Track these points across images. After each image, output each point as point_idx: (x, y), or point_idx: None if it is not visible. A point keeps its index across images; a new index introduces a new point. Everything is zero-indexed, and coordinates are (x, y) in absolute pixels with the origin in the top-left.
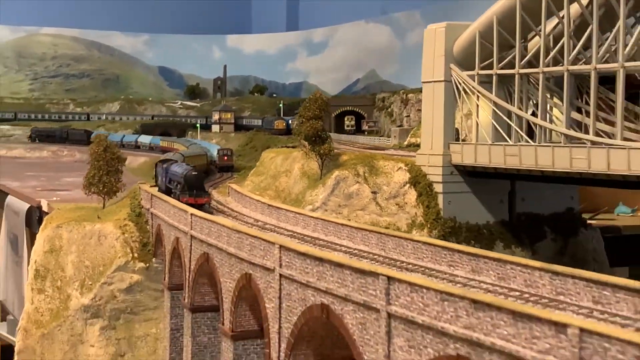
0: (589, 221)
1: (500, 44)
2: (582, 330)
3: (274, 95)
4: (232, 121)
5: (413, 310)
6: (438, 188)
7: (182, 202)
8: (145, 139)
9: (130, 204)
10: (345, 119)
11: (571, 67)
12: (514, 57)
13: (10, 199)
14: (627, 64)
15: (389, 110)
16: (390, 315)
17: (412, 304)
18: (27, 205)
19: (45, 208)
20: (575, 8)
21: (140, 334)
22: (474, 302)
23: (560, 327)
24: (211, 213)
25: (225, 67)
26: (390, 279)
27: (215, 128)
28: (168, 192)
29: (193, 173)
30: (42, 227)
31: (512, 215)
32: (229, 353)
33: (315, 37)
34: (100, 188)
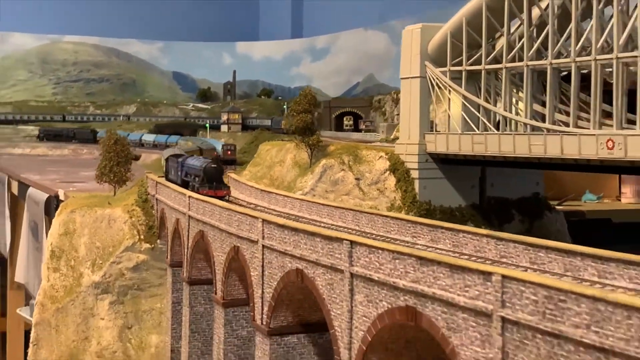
0: (556, 207)
1: (468, 43)
2: (503, 276)
3: (280, 98)
4: (240, 122)
5: (371, 269)
6: (414, 174)
7: (201, 194)
8: (161, 139)
9: (137, 191)
10: (345, 119)
11: (530, 63)
12: (481, 55)
13: (31, 190)
14: (578, 59)
15: (383, 110)
16: (352, 275)
17: (370, 264)
18: (46, 195)
19: (62, 197)
20: (536, 10)
21: (146, 308)
22: (420, 258)
23: (486, 275)
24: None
25: (234, 72)
26: (352, 243)
27: (224, 128)
28: (185, 185)
29: (212, 165)
30: (57, 212)
31: (483, 199)
32: (221, 319)
33: (318, 43)
34: (111, 177)
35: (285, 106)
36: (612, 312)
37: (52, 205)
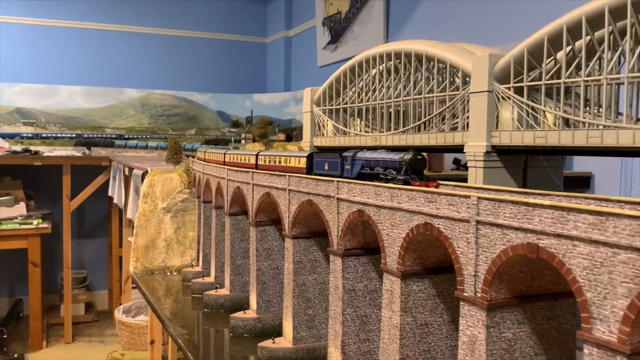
0: None
1: (529, 66)
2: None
3: (276, 125)
4: (250, 138)
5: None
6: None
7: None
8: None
9: (184, 166)
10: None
11: (587, 78)
12: (538, 74)
13: (135, 170)
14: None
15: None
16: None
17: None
18: (141, 171)
19: (149, 171)
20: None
21: (187, 219)
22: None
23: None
24: None
25: (252, 110)
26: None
27: (243, 142)
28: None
29: (418, 157)
30: (146, 177)
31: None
32: (290, 247)
33: (298, 95)
34: (172, 160)
35: (276, 129)
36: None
37: (144, 175)
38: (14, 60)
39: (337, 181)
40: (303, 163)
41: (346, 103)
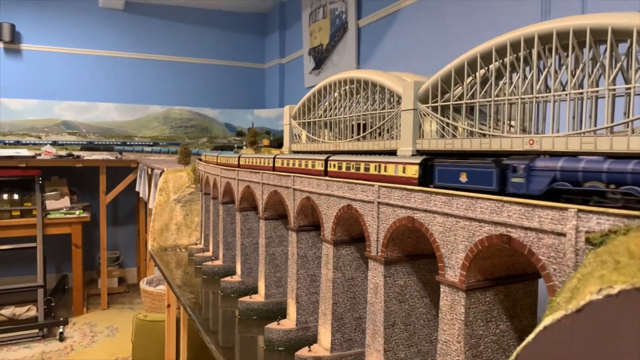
0: None
1: (442, 90)
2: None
3: (272, 134)
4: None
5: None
6: None
7: None
8: (214, 152)
9: (192, 166)
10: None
11: (502, 98)
12: (450, 97)
13: (155, 170)
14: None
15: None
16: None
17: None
18: (160, 171)
19: (165, 170)
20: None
21: (194, 208)
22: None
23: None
24: None
25: (252, 123)
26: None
27: (244, 148)
28: (551, 195)
29: None
30: (162, 175)
31: None
32: (263, 226)
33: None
34: (182, 161)
35: (272, 137)
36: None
37: (161, 174)
38: (62, 82)
39: (293, 175)
40: (413, 172)
41: (315, 117)
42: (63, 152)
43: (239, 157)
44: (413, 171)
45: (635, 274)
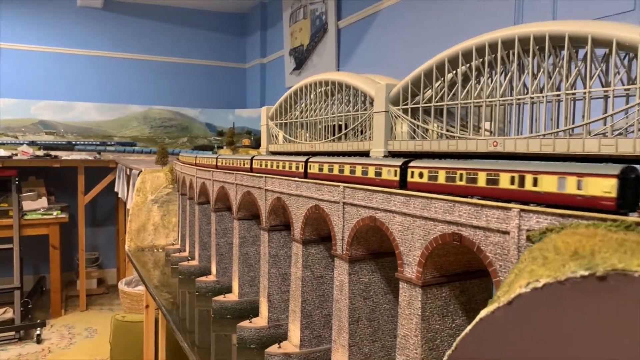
0: None
1: (412, 93)
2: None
3: (254, 134)
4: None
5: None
6: None
7: None
8: (194, 152)
9: (170, 167)
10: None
11: (467, 101)
12: (417, 101)
13: (133, 171)
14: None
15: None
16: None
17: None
18: (138, 171)
19: (143, 170)
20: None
21: (171, 208)
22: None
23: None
24: None
25: (233, 123)
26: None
27: (224, 148)
28: None
29: None
30: (140, 175)
31: None
32: (237, 226)
33: None
34: (160, 161)
35: (252, 137)
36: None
37: (139, 174)
38: (40, 81)
39: (265, 176)
40: (610, 188)
41: (292, 118)
42: (40, 152)
43: (216, 158)
44: (609, 188)
45: (558, 269)
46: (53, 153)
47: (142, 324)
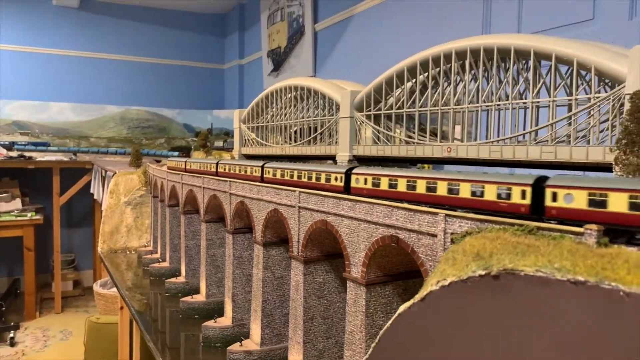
0: None
1: (375, 99)
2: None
3: (230, 135)
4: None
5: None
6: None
7: None
8: (171, 152)
9: (143, 169)
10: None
11: (424, 109)
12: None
13: (108, 172)
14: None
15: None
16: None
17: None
18: (112, 173)
19: (117, 172)
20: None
21: (144, 210)
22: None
23: None
24: None
25: (212, 123)
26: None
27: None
28: None
29: None
30: (113, 177)
31: None
32: (204, 229)
33: None
34: (134, 163)
35: (228, 139)
36: None
37: (112, 175)
38: (13, 80)
39: (230, 180)
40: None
41: (263, 122)
42: (15, 153)
43: (185, 162)
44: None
45: (462, 269)
46: (27, 154)
47: (117, 325)
